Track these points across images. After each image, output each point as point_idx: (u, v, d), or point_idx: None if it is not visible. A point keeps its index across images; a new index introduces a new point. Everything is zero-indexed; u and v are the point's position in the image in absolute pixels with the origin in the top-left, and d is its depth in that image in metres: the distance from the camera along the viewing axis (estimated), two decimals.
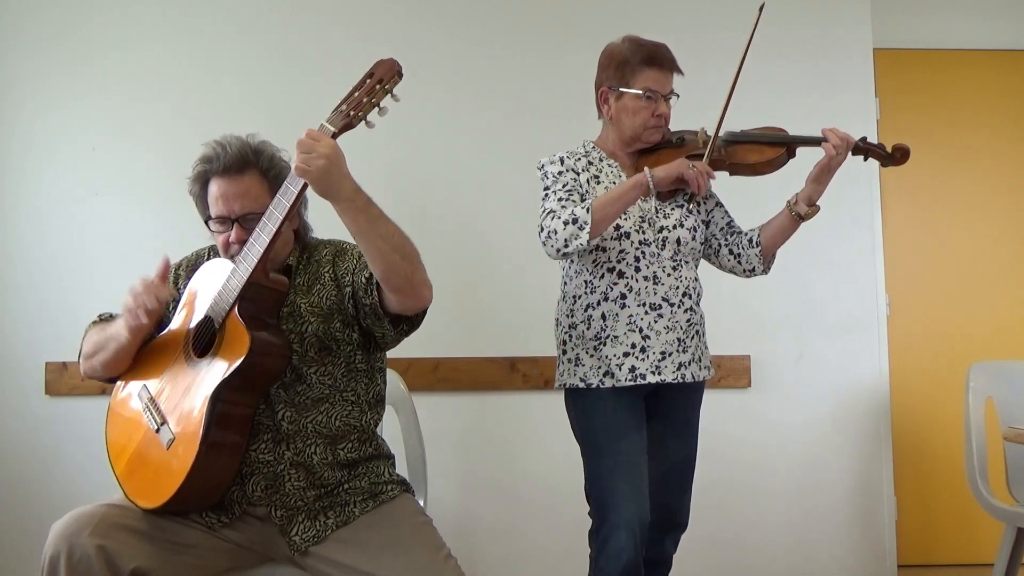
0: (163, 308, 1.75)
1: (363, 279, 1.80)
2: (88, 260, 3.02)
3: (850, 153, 2.08)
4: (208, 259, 1.95)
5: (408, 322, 1.83)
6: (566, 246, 1.98)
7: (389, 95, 1.63)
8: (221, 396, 1.67)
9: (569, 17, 3.20)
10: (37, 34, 3.08)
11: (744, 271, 2.22)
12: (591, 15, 3.19)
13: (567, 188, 2.08)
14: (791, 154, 2.14)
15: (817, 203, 2.10)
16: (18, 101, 3.06)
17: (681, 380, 2.10)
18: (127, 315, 1.73)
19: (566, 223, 1.97)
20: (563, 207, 2.02)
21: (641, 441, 2.08)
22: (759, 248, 2.17)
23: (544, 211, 2.06)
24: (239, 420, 1.71)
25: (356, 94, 1.62)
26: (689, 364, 2.12)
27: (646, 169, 2.02)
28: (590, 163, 2.16)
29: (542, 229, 2.03)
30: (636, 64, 2.11)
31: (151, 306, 1.70)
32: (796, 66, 3.22)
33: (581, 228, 1.96)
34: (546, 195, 2.10)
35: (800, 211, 2.09)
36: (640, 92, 2.11)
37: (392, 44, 3.09)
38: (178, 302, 1.88)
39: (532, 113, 3.13)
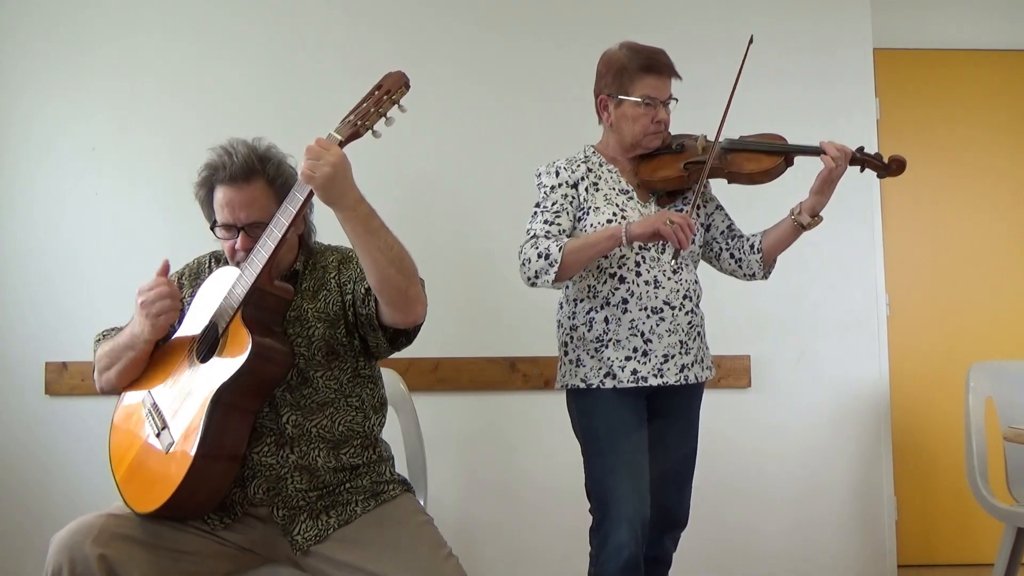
0: (179, 304, 1.77)
1: (362, 289, 1.82)
2: (88, 260, 3.02)
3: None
4: (209, 265, 1.97)
5: (406, 336, 1.84)
6: (536, 278, 2.03)
7: (396, 106, 1.66)
8: (220, 400, 1.67)
9: (576, 13, 3.20)
10: (34, 30, 3.07)
11: (744, 275, 2.23)
12: (599, 9, 3.19)
13: (556, 209, 2.10)
14: (789, 163, 2.13)
15: (820, 214, 2.11)
16: (16, 100, 3.06)
17: (684, 382, 2.10)
18: (149, 320, 1.72)
19: (540, 256, 2.01)
20: (546, 235, 2.05)
21: (642, 440, 2.09)
22: (760, 254, 2.18)
23: (529, 233, 2.09)
24: (238, 425, 1.72)
25: (364, 104, 1.66)
26: (692, 366, 2.13)
27: (624, 224, 2.01)
28: (589, 170, 2.16)
29: (521, 252, 2.06)
30: (634, 71, 2.12)
31: (171, 308, 1.72)
32: (796, 67, 3.22)
33: (551, 266, 1.99)
34: (534, 213, 2.13)
35: (802, 221, 2.10)
36: (639, 99, 2.11)
37: (397, 39, 3.12)
38: (185, 309, 1.89)
39: (534, 113, 3.13)
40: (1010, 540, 2.56)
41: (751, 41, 2.11)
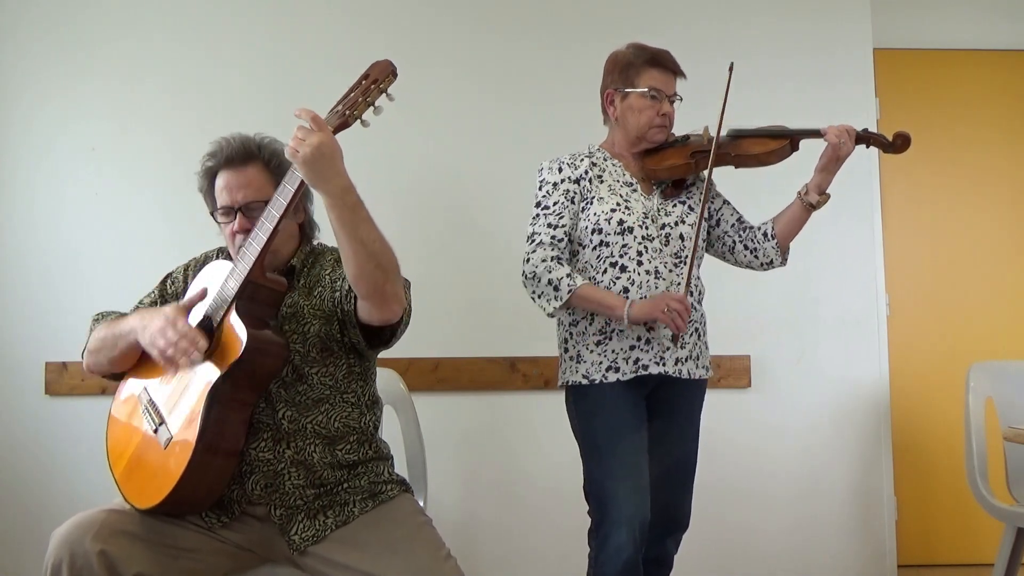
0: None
1: (347, 286, 1.81)
2: (88, 260, 3.01)
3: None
4: (216, 259, 1.96)
5: (381, 338, 1.83)
6: (538, 298, 2.06)
7: (384, 94, 1.66)
8: (218, 394, 1.67)
9: (576, 14, 3.20)
10: (34, 30, 3.07)
11: (761, 264, 2.25)
12: (599, 10, 3.19)
13: (558, 211, 2.11)
14: (794, 147, 2.17)
15: (827, 191, 2.14)
16: (16, 100, 3.06)
17: (678, 375, 2.11)
18: (155, 348, 1.68)
19: (550, 283, 2.04)
20: (552, 239, 2.07)
21: (641, 440, 2.09)
22: (775, 240, 2.20)
23: (533, 238, 2.10)
24: (236, 418, 1.72)
25: (352, 94, 1.66)
26: (686, 360, 2.13)
27: (628, 302, 2.03)
28: (593, 163, 2.18)
29: (528, 260, 2.08)
30: (640, 65, 2.16)
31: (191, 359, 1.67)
32: (796, 67, 3.22)
33: (557, 299, 2.03)
34: (536, 214, 2.14)
35: (811, 200, 2.13)
36: (645, 90, 2.14)
37: (396, 39, 3.12)
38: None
39: (534, 113, 3.13)
40: (1010, 540, 2.56)
41: (731, 69, 2.12)
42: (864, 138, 2.13)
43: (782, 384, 3.16)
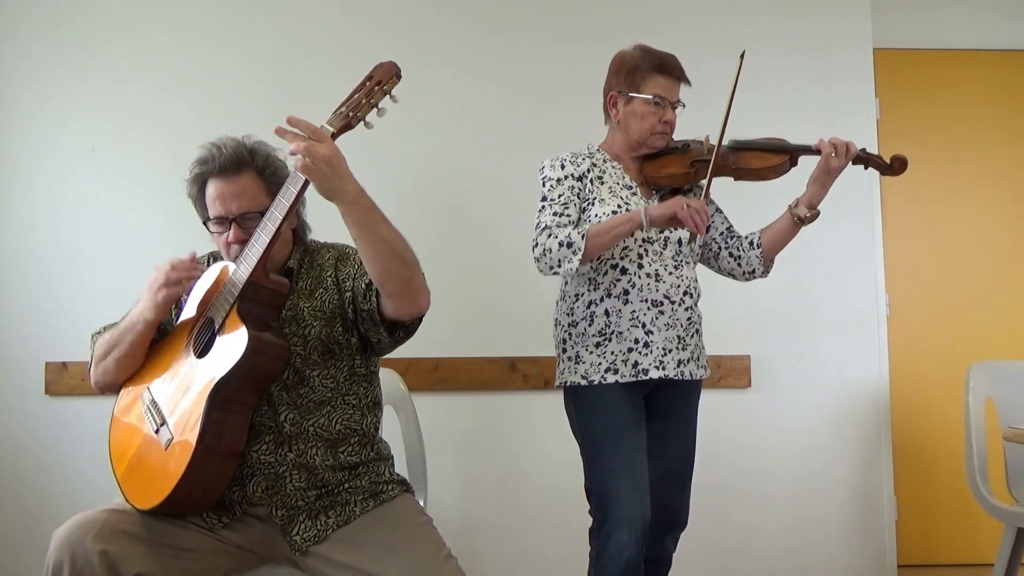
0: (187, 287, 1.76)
1: (363, 284, 1.81)
2: (88, 260, 3.01)
3: (850, 162, 2.10)
4: (208, 264, 1.96)
5: (404, 329, 1.83)
6: (558, 266, 2.03)
7: (388, 96, 1.66)
8: (219, 396, 1.67)
9: (576, 14, 3.20)
10: (34, 30, 3.07)
11: (744, 273, 2.24)
12: (599, 10, 3.19)
13: (563, 201, 2.11)
14: (793, 162, 2.17)
15: (818, 208, 2.13)
16: (16, 100, 3.06)
17: (680, 377, 2.11)
18: (156, 291, 1.72)
19: (561, 245, 2.02)
20: (558, 226, 2.06)
21: (641, 440, 2.09)
22: (760, 250, 2.19)
23: (539, 226, 2.09)
24: (237, 420, 1.72)
25: (355, 96, 1.66)
26: (688, 362, 2.14)
27: (643, 205, 2.05)
28: (594, 164, 2.18)
29: (536, 244, 2.06)
30: (647, 70, 2.15)
31: (183, 277, 1.72)
32: (796, 67, 3.22)
33: (574, 253, 2.01)
34: (542, 207, 2.13)
35: (801, 214, 2.12)
36: (650, 97, 2.14)
37: (397, 39, 3.12)
38: (181, 307, 1.89)
39: (534, 113, 3.13)
40: (1010, 540, 2.56)
41: (743, 56, 2.12)
42: (862, 159, 2.12)
43: (782, 384, 3.16)
